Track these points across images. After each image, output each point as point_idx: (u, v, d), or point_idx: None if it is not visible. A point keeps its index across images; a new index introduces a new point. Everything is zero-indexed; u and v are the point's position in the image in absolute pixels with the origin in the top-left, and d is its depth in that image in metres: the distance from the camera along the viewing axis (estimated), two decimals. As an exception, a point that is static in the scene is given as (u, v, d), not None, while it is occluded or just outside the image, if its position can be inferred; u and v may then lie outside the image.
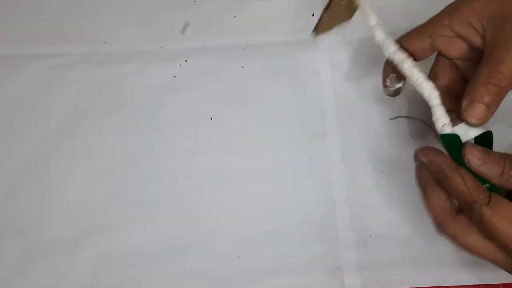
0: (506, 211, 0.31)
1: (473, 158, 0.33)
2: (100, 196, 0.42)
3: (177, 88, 0.45)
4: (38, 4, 0.48)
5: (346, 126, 0.44)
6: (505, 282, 0.39)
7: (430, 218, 0.34)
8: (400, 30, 0.39)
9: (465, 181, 0.32)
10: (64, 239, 0.41)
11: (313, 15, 0.47)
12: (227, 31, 0.47)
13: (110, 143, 0.43)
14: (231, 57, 0.46)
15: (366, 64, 0.45)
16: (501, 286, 0.39)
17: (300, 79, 0.45)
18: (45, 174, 0.42)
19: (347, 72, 0.45)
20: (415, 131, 0.43)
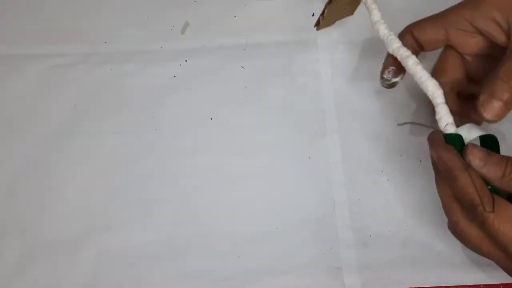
0: (508, 214, 0.31)
1: (474, 159, 0.32)
2: (100, 196, 0.42)
3: (177, 88, 0.45)
4: (38, 4, 0.48)
5: (346, 126, 0.44)
6: (505, 282, 0.39)
7: (440, 200, 0.34)
8: (400, 28, 0.39)
9: (473, 182, 0.31)
10: (64, 239, 0.40)
11: (313, 15, 0.47)
12: (227, 31, 0.47)
13: (110, 143, 0.43)
14: (231, 57, 0.46)
15: (366, 64, 0.45)
16: (501, 286, 0.39)
17: (300, 79, 0.45)
18: (45, 174, 0.42)
19: (347, 72, 0.45)
20: (415, 131, 0.43)
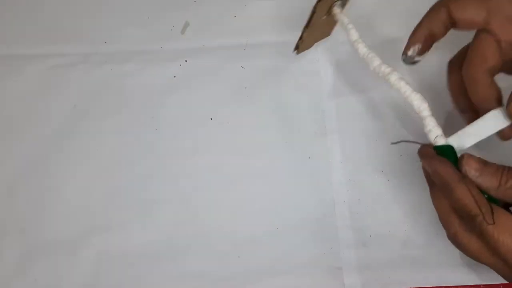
0: (507, 224, 0.30)
1: (470, 170, 0.32)
2: (100, 196, 0.42)
3: (177, 88, 0.45)
4: (38, 4, 0.48)
5: (346, 126, 0.44)
6: (505, 282, 0.38)
7: (437, 213, 0.34)
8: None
9: (471, 192, 0.31)
10: (64, 239, 0.40)
11: (313, 15, 0.47)
12: (227, 31, 0.47)
13: (110, 143, 0.43)
14: (231, 57, 0.46)
15: (366, 64, 0.45)
16: (501, 286, 0.39)
17: (300, 79, 0.45)
18: (45, 174, 0.42)
19: (347, 72, 0.45)
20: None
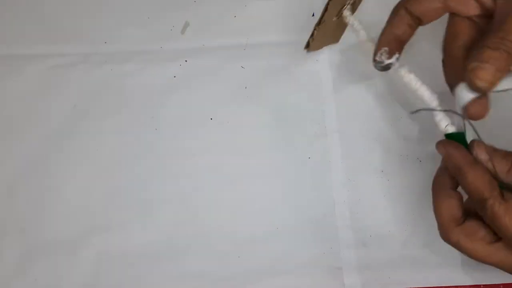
0: None
1: (481, 153, 0.33)
2: (100, 196, 0.42)
3: (177, 88, 0.45)
4: (38, 4, 0.48)
5: (346, 126, 0.44)
6: (505, 282, 0.39)
7: (437, 222, 0.34)
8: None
9: (483, 176, 0.32)
10: (64, 239, 0.40)
11: (313, 15, 0.47)
12: (227, 31, 0.47)
13: (110, 143, 0.43)
14: (231, 57, 0.46)
15: (366, 64, 0.45)
16: (501, 286, 0.39)
17: (300, 79, 0.45)
18: (45, 174, 0.42)
19: (347, 72, 0.45)
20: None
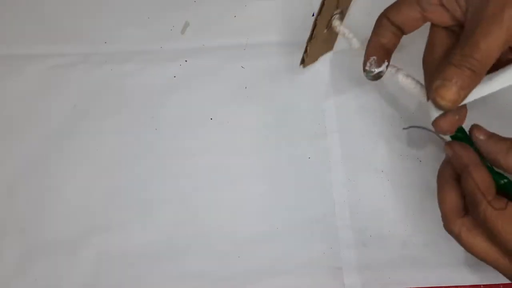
0: (510, 213, 0.31)
1: (479, 134, 0.33)
2: (100, 196, 0.42)
3: (177, 88, 0.45)
4: (38, 4, 0.48)
5: (346, 126, 0.44)
6: (505, 282, 0.39)
7: (440, 213, 0.34)
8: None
9: (484, 177, 0.32)
10: (64, 239, 0.41)
11: (313, 15, 0.47)
12: (227, 31, 0.47)
13: (110, 143, 0.43)
14: (231, 57, 0.46)
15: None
16: (501, 286, 0.39)
17: (300, 79, 0.45)
18: (45, 174, 0.42)
19: (347, 72, 0.45)
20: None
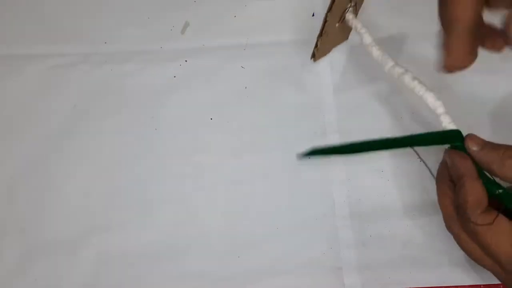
0: (501, 226, 0.31)
1: (473, 144, 0.33)
2: (100, 196, 0.42)
3: (177, 88, 0.45)
4: (38, 4, 0.48)
5: (346, 126, 0.44)
6: (505, 282, 0.39)
7: (441, 212, 0.35)
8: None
9: (477, 190, 0.32)
10: (64, 239, 0.40)
11: (313, 15, 0.47)
12: (227, 31, 0.47)
13: (110, 143, 0.43)
14: (231, 57, 0.46)
15: (366, 64, 0.45)
16: (501, 286, 0.39)
17: (300, 79, 0.45)
18: (45, 174, 0.42)
19: (347, 72, 0.45)
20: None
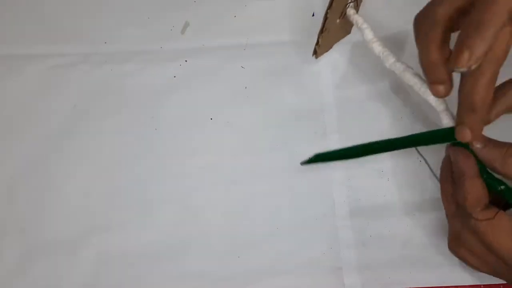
0: (501, 223, 0.31)
1: (476, 143, 0.34)
2: (100, 196, 0.42)
3: (177, 88, 0.45)
4: (38, 4, 0.48)
5: (346, 126, 0.44)
6: (505, 283, 0.38)
7: (443, 207, 0.35)
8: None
9: (477, 189, 0.32)
10: (64, 239, 0.41)
11: (313, 15, 0.47)
12: (227, 31, 0.47)
13: (110, 143, 0.43)
14: (231, 57, 0.46)
15: (366, 64, 0.45)
16: (501, 286, 0.39)
17: (300, 79, 0.45)
18: (45, 174, 0.42)
19: (347, 72, 0.45)
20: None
